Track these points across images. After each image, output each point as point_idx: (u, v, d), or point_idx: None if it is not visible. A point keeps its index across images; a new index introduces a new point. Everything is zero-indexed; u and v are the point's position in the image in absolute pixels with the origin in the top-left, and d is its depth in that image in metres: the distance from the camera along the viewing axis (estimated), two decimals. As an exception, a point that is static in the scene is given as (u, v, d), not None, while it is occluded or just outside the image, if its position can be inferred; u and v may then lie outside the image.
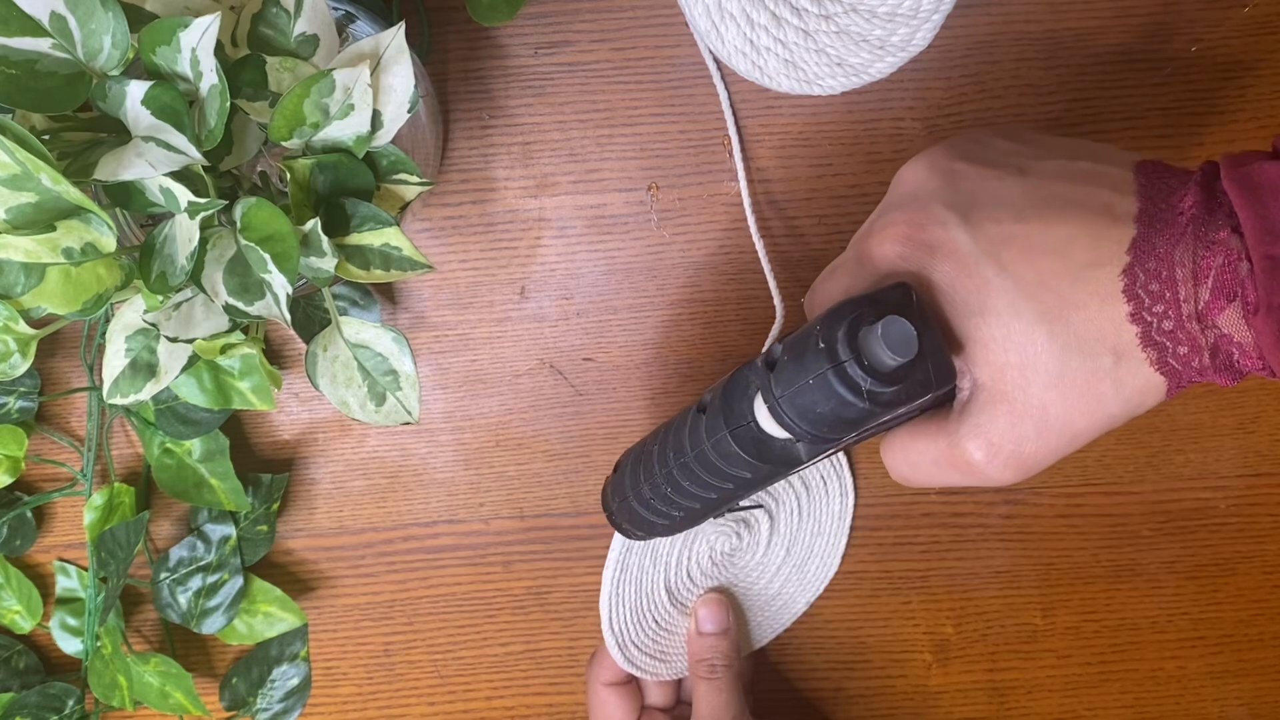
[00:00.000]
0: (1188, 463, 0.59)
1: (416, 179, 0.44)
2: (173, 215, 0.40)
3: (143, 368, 0.45)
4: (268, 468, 0.59)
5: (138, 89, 0.38)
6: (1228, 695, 0.62)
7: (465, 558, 0.60)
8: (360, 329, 0.47)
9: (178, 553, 0.58)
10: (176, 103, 0.38)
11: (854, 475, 0.59)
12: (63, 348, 0.57)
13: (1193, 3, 0.54)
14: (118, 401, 0.45)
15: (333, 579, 0.60)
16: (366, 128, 0.41)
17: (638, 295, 0.57)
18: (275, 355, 0.58)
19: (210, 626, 0.57)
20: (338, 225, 0.43)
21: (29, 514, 0.59)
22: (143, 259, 0.40)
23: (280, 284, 0.40)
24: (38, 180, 0.37)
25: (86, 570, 0.59)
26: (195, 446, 0.56)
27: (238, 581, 0.57)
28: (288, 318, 0.40)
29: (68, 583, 0.59)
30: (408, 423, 0.47)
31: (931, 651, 0.61)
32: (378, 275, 0.44)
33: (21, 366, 0.50)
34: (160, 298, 0.41)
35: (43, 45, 0.38)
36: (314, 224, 0.41)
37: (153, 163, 0.37)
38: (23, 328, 0.50)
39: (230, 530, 0.57)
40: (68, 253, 0.39)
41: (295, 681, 0.59)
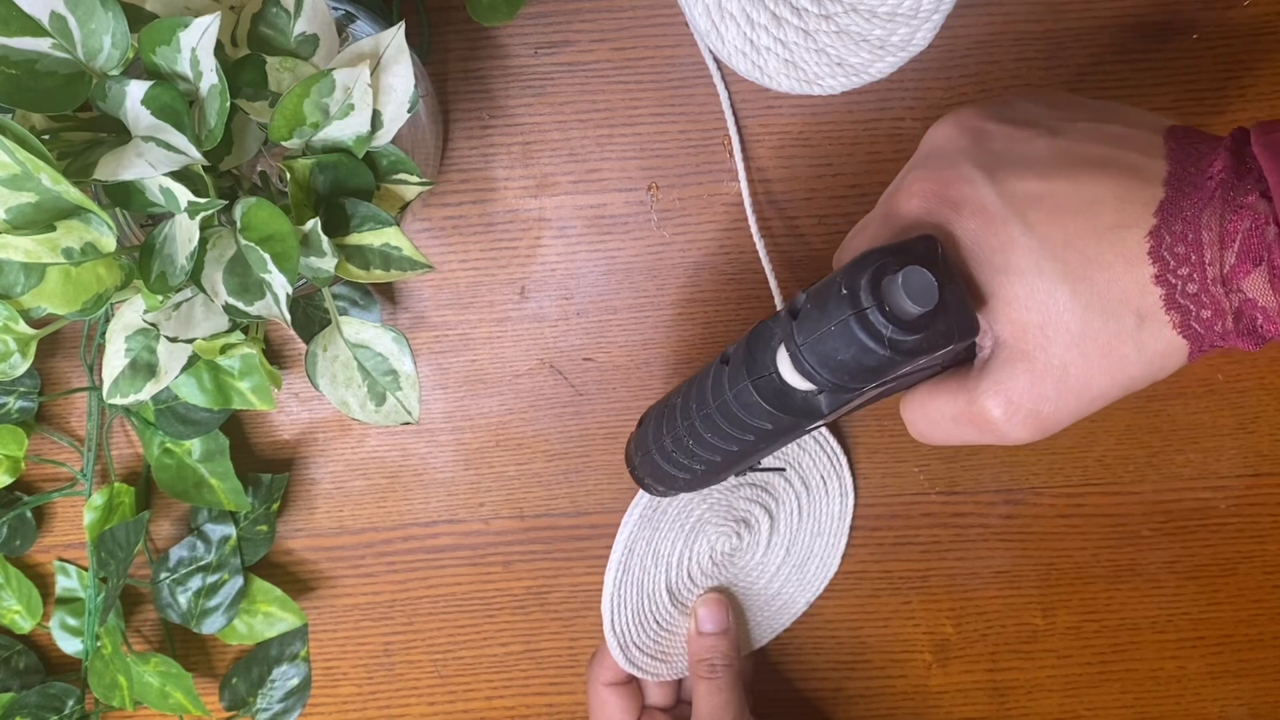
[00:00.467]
0: (1188, 463, 0.59)
1: (416, 179, 0.44)
2: (173, 215, 0.40)
3: (143, 368, 0.45)
4: (268, 468, 0.59)
5: (138, 89, 0.38)
6: (1228, 695, 0.62)
7: (465, 558, 0.60)
8: (360, 329, 0.47)
9: (178, 553, 0.58)
10: (176, 103, 0.38)
11: (854, 476, 0.59)
12: (63, 348, 0.57)
13: (1193, 3, 0.54)
14: (118, 401, 0.45)
15: (333, 579, 0.60)
16: (366, 128, 0.41)
17: (638, 295, 0.57)
18: (275, 355, 0.58)
19: (210, 626, 0.57)
20: (338, 225, 0.43)
21: (29, 514, 0.59)
22: (143, 259, 0.40)
23: (280, 284, 0.40)
24: (38, 180, 0.37)
25: (86, 570, 0.59)
26: (195, 446, 0.56)
27: (238, 581, 0.57)
28: (288, 318, 0.40)
29: (68, 583, 0.59)
30: (408, 423, 0.47)
31: (931, 651, 0.61)
32: (378, 275, 0.44)
33: (21, 366, 0.50)
34: (160, 298, 0.41)
35: (43, 45, 0.38)
36: (314, 224, 0.41)
37: (153, 163, 0.37)
38: (23, 328, 0.50)
39: (230, 530, 0.57)
40: (68, 253, 0.39)
41: (295, 681, 0.59)
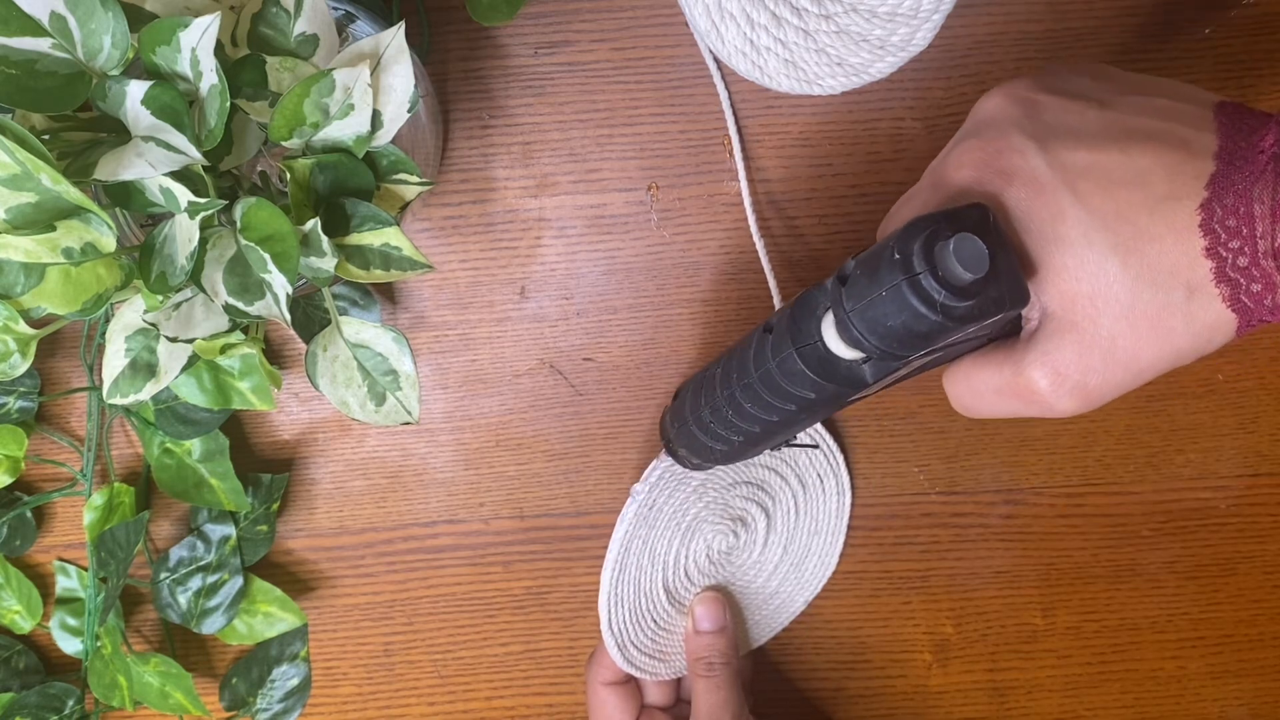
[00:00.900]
0: (1188, 463, 0.59)
1: (416, 179, 0.44)
2: (173, 215, 0.40)
3: (142, 368, 0.45)
4: (268, 468, 0.59)
5: (138, 89, 0.38)
6: (1228, 695, 0.62)
7: (465, 558, 0.60)
8: (360, 329, 0.47)
9: (178, 553, 0.58)
10: (176, 102, 0.38)
11: (851, 475, 0.59)
12: (63, 348, 0.57)
13: (1193, 3, 0.54)
14: (117, 401, 0.45)
15: (333, 579, 0.60)
16: (366, 128, 0.41)
17: (638, 295, 0.57)
18: (275, 355, 0.58)
19: (210, 626, 0.57)
20: (338, 225, 0.43)
21: (29, 514, 0.59)
22: (143, 259, 0.40)
23: (280, 284, 0.40)
24: (38, 180, 0.37)
25: (86, 570, 0.59)
26: (195, 446, 0.56)
27: (238, 581, 0.57)
28: (288, 318, 0.40)
29: (68, 583, 0.59)
30: (408, 423, 0.47)
31: (931, 651, 0.61)
32: (378, 275, 0.44)
33: (21, 366, 0.50)
34: (160, 298, 0.41)
35: (43, 45, 0.38)
36: (314, 224, 0.41)
37: (153, 163, 0.37)
38: (23, 328, 0.50)
39: (230, 530, 0.57)
40: (67, 253, 0.39)
41: (295, 681, 0.59)
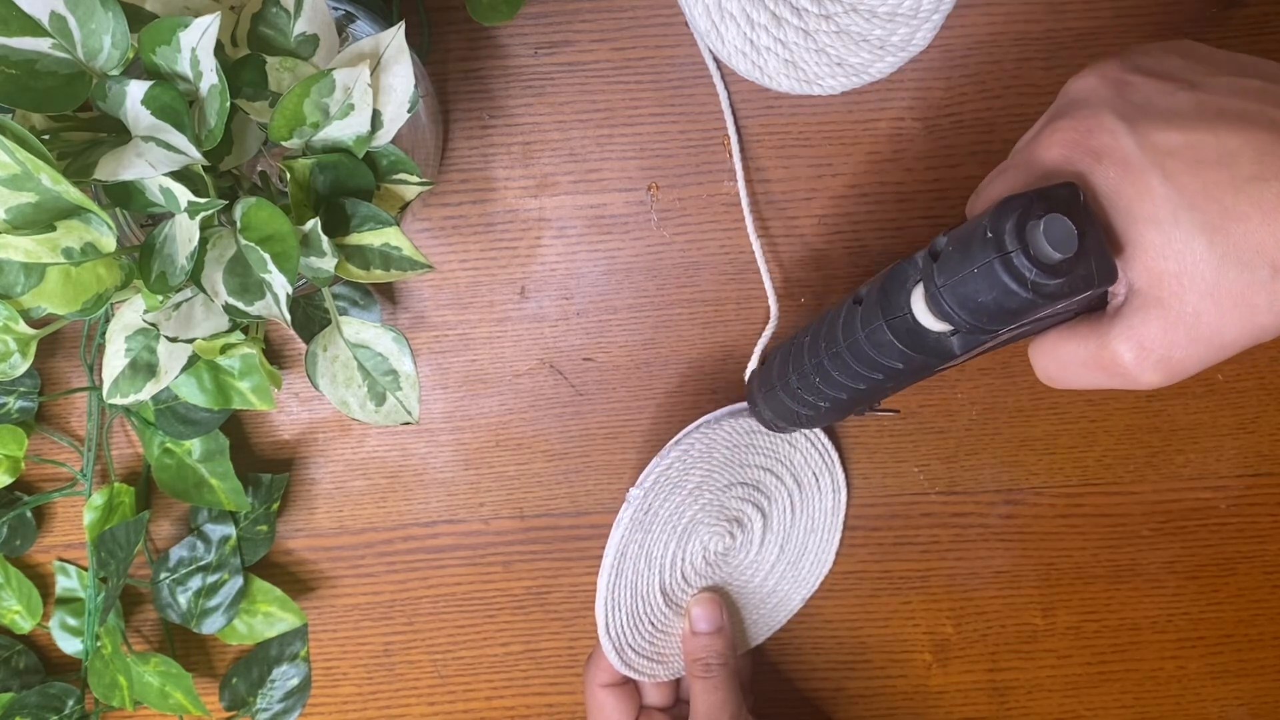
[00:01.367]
0: (1188, 463, 0.59)
1: (416, 179, 0.44)
2: (173, 215, 0.40)
3: (143, 368, 0.45)
4: (268, 468, 0.59)
5: (138, 89, 0.38)
6: (1228, 695, 0.62)
7: (465, 558, 0.60)
8: (360, 329, 0.47)
9: (178, 553, 0.58)
10: (176, 103, 0.38)
11: (846, 472, 0.59)
12: (63, 348, 0.57)
13: (1193, 3, 0.54)
14: (118, 401, 0.45)
15: (333, 579, 0.60)
16: (366, 128, 0.41)
17: (638, 295, 0.57)
18: (275, 355, 0.58)
19: (210, 626, 0.57)
20: (338, 225, 0.43)
21: (29, 514, 0.59)
22: (143, 259, 0.40)
23: (280, 284, 0.40)
24: (38, 180, 0.37)
25: (86, 570, 0.59)
26: (195, 446, 0.56)
27: (238, 581, 0.57)
28: (288, 318, 0.40)
29: (68, 583, 0.59)
30: (408, 423, 0.47)
31: (931, 651, 0.61)
32: (378, 275, 0.44)
33: (21, 366, 0.50)
34: (160, 298, 0.41)
35: (43, 45, 0.38)
36: (314, 224, 0.41)
37: (153, 163, 0.37)
38: (23, 328, 0.50)
39: (230, 530, 0.57)
40: (68, 253, 0.39)
41: (295, 681, 0.59)
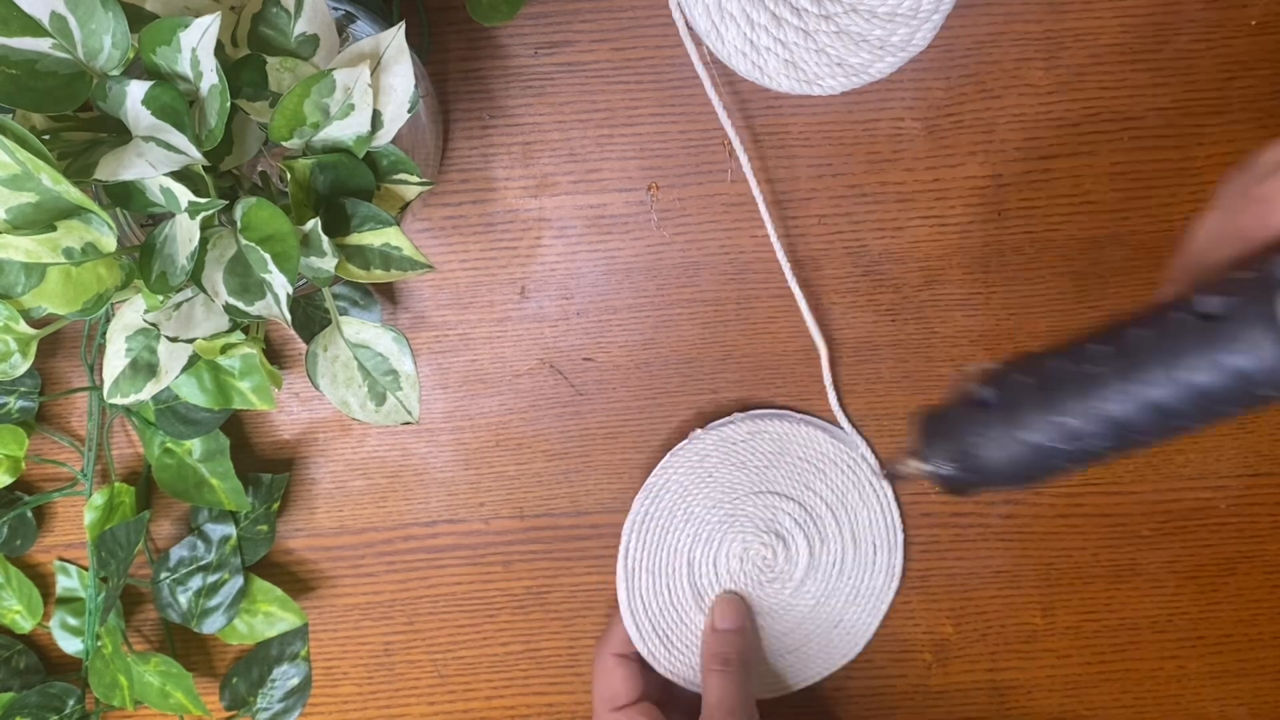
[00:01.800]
0: (1188, 463, 0.59)
1: (416, 179, 0.44)
2: (173, 215, 0.40)
3: (143, 367, 0.45)
4: (268, 467, 0.59)
5: (138, 89, 0.38)
6: (1228, 695, 0.62)
7: (465, 557, 0.60)
8: (360, 329, 0.47)
9: (178, 552, 0.58)
10: (177, 103, 0.38)
11: (904, 564, 0.59)
12: (63, 348, 0.57)
13: (1193, 3, 0.54)
14: (118, 401, 0.45)
15: (333, 579, 0.60)
16: (367, 128, 0.41)
17: (638, 295, 0.57)
18: (275, 355, 0.58)
19: (210, 626, 0.57)
20: (338, 225, 0.43)
21: (29, 514, 0.59)
22: (143, 259, 0.40)
23: (280, 284, 0.40)
24: (38, 180, 0.37)
25: (87, 570, 0.59)
26: (195, 446, 0.56)
27: (238, 581, 0.57)
28: (288, 318, 0.40)
29: (68, 582, 0.59)
30: (408, 423, 0.47)
31: (931, 651, 0.61)
32: (378, 275, 0.44)
33: (22, 366, 0.50)
34: (160, 298, 0.41)
35: (43, 45, 0.38)
36: (314, 224, 0.41)
37: (153, 163, 0.37)
38: (23, 327, 0.50)
39: (230, 530, 0.57)
40: (68, 253, 0.39)
41: (295, 681, 0.59)
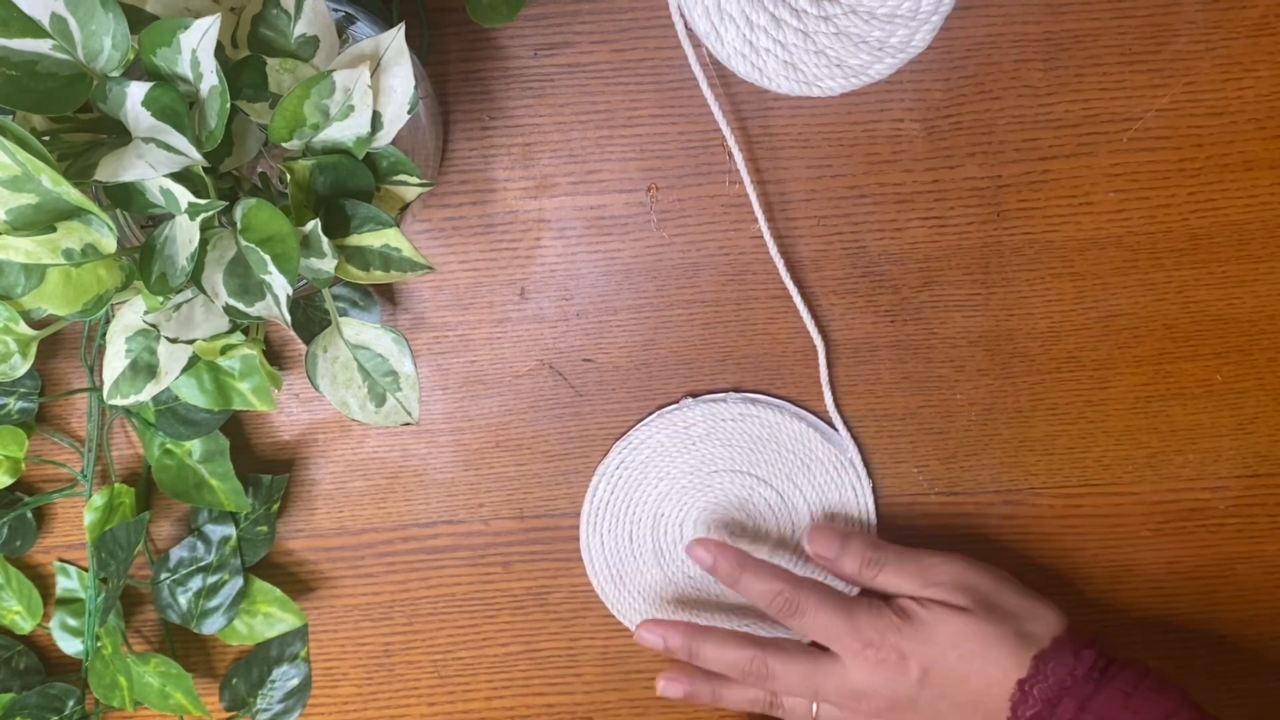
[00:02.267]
0: (1186, 463, 0.59)
1: (416, 180, 0.44)
2: (173, 216, 0.40)
3: (143, 369, 0.45)
4: (268, 468, 0.59)
5: (138, 90, 0.38)
6: (1228, 695, 0.62)
7: (465, 558, 0.60)
8: (360, 330, 0.47)
9: (178, 553, 0.58)
10: (177, 104, 0.38)
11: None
12: (63, 349, 0.57)
13: (1192, 3, 0.54)
14: (118, 402, 0.45)
15: (333, 579, 0.60)
16: (366, 129, 0.41)
17: (638, 295, 0.57)
18: (275, 356, 0.58)
19: (210, 627, 0.57)
20: (338, 226, 0.43)
21: (29, 514, 0.59)
22: (143, 260, 0.40)
23: (280, 285, 0.40)
24: (38, 181, 0.37)
25: (87, 571, 0.59)
26: (195, 447, 0.56)
27: (238, 582, 0.58)
28: (288, 319, 0.40)
29: (68, 583, 0.59)
30: (408, 423, 0.47)
31: (931, 652, 0.61)
32: (378, 276, 0.44)
33: (22, 367, 0.50)
34: (160, 299, 0.41)
35: (43, 46, 0.38)
36: (314, 225, 0.41)
37: (153, 164, 0.37)
38: (23, 329, 0.50)
39: (230, 531, 0.57)
40: (68, 254, 0.39)
41: (295, 682, 0.59)
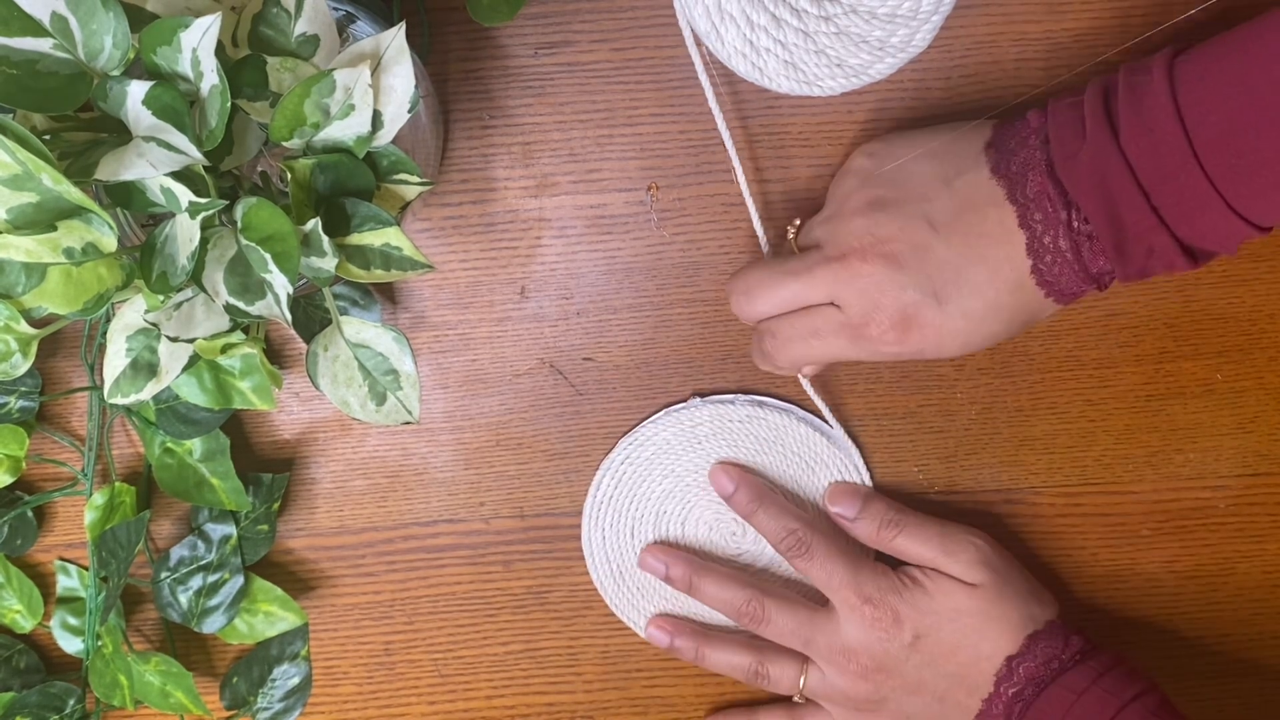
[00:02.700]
0: (1187, 462, 0.59)
1: (417, 179, 0.44)
2: (174, 215, 0.40)
3: (143, 367, 0.45)
4: (268, 467, 0.59)
5: (138, 89, 0.38)
6: (1227, 695, 0.62)
7: (465, 557, 0.60)
8: (361, 329, 0.47)
9: (178, 552, 0.58)
10: (177, 103, 0.38)
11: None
12: (64, 347, 0.57)
13: (1192, 4, 0.54)
14: (118, 401, 0.45)
15: (333, 578, 0.60)
16: (367, 128, 0.41)
17: (638, 295, 0.57)
18: (275, 355, 0.58)
19: (211, 626, 0.57)
20: (338, 225, 0.43)
21: (30, 513, 0.59)
22: (144, 259, 0.40)
23: (281, 284, 0.40)
24: (39, 180, 0.37)
25: (87, 570, 0.59)
26: (196, 446, 0.56)
27: (238, 581, 0.58)
28: (288, 317, 0.40)
29: (68, 582, 0.59)
30: (408, 422, 0.47)
31: (931, 651, 0.61)
32: (378, 275, 0.44)
33: (22, 366, 0.50)
34: (161, 297, 0.41)
35: (44, 45, 0.38)
36: (314, 224, 0.41)
37: (154, 163, 0.37)
38: (24, 327, 0.50)
39: (231, 530, 0.57)
40: (69, 253, 0.39)
41: (296, 681, 0.59)
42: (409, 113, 0.42)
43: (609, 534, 0.59)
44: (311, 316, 0.53)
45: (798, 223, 0.53)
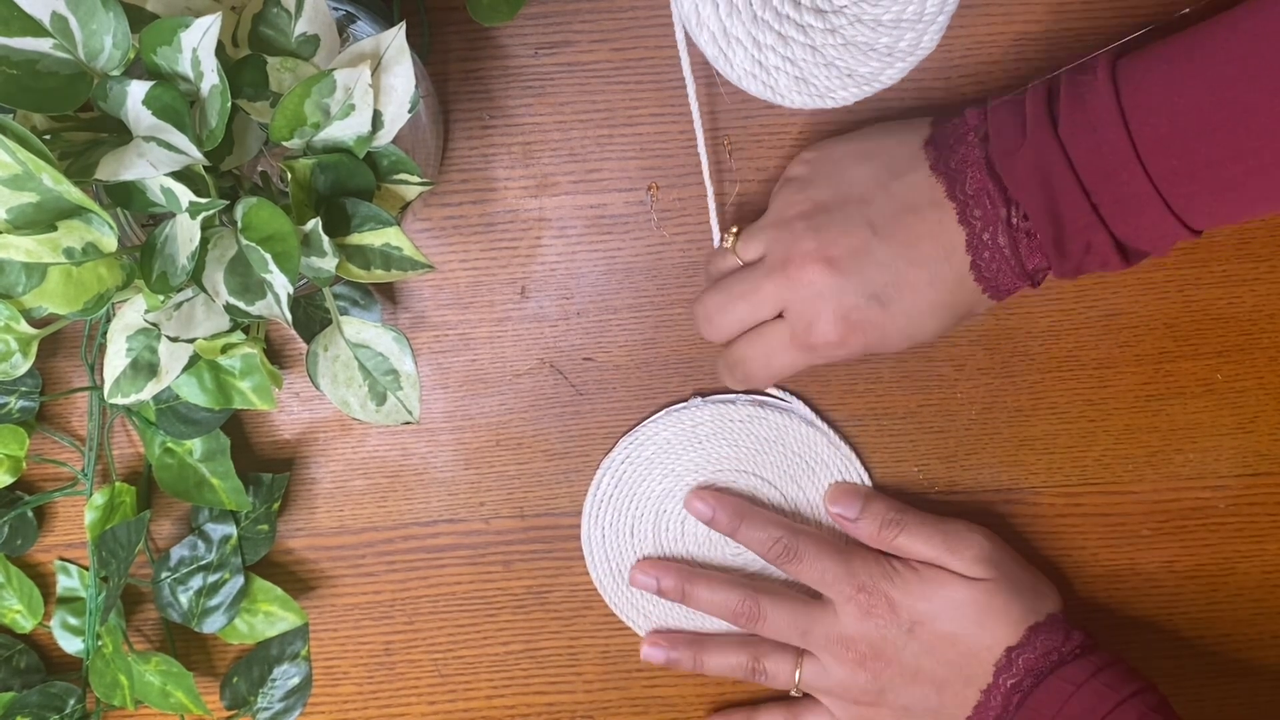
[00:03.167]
0: (1187, 462, 0.59)
1: (417, 179, 0.44)
2: (174, 215, 0.40)
3: (144, 367, 0.45)
4: (268, 467, 0.59)
5: (139, 89, 0.38)
6: (1228, 695, 0.62)
7: (465, 557, 0.60)
8: (361, 329, 0.47)
9: (179, 552, 0.58)
10: (177, 103, 0.38)
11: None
12: (64, 347, 0.57)
13: (1192, 3, 0.54)
14: (119, 401, 0.45)
15: (333, 578, 0.60)
16: (367, 128, 0.41)
17: (638, 295, 0.57)
18: (276, 355, 0.58)
19: (211, 626, 0.57)
20: (338, 225, 0.43)
21: (30, 513, 0.59)
22: (144, 259, 0.40)
23: (281, 284, 0.40)
24: (39, 180, 0.37)
25: (87, 570, 0.59)
26: (196, 446, 0.56)
27: (238, 581, 0.58)
28: (288, 317, 0.40)
29: (69, 582, 0.59)
30: (408, 422, 0.47)
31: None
32: (378, 275, 0.44)
33: (23, 366, 0.50)
34: (161, 297, 0.41)
35: (44, 45, 0.38)
36: (315, 224, 0.41)
37: (154, 163, 0.37)
38: (24, 327, 0.50)
39: (231, 530, 0.57)
40: (69, 253, 0.39)
41: (296, 680, 0.59)
42: (409, 113, 0.42)
43: (609, 534, 0.59)
44: (312, 316, 0.53)
45: (735, 230, 0.53)
